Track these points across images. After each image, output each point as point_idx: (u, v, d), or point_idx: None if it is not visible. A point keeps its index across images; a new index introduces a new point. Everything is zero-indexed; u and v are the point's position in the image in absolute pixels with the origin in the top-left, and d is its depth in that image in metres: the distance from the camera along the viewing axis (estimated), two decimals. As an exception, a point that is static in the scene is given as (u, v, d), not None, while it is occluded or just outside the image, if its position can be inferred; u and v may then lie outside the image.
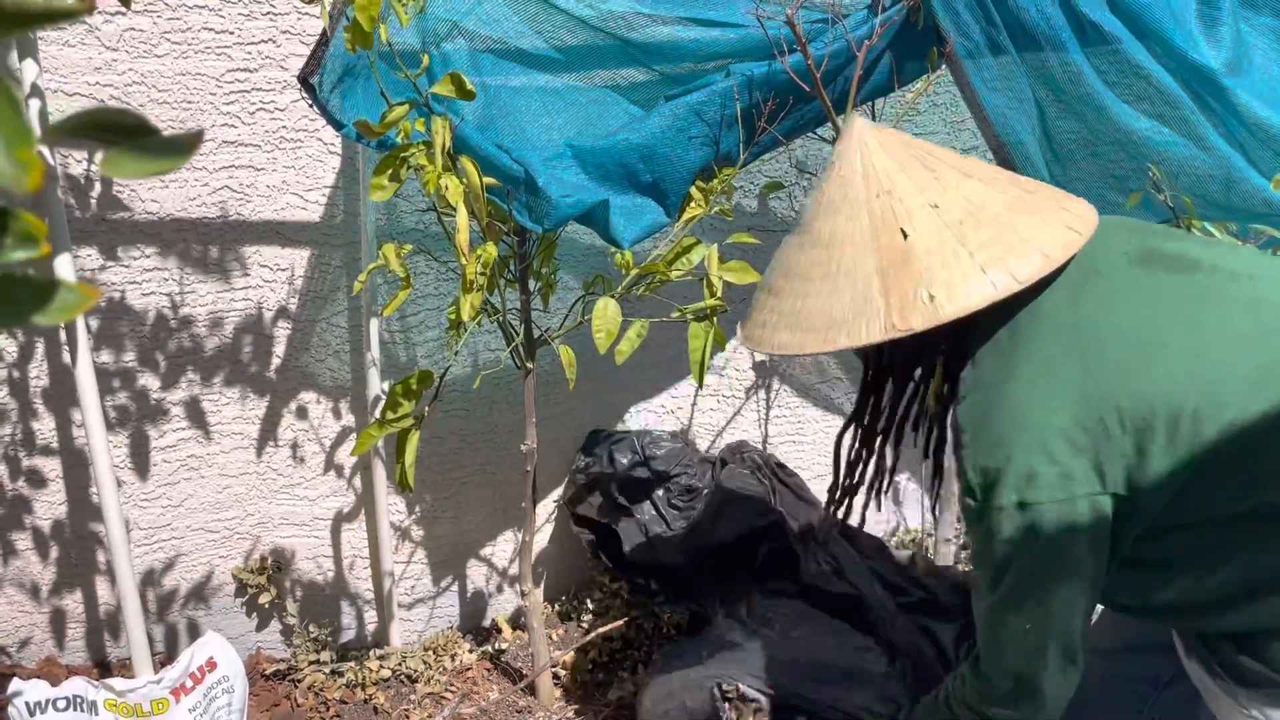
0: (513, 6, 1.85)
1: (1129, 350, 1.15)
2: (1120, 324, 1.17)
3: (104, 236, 1.98)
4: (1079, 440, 1.12)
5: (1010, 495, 1.14)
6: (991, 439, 1.16)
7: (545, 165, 1.77)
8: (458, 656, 2.43)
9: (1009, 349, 1.20)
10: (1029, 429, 1.14)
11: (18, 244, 0.31)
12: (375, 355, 2.18)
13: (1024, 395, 1.16)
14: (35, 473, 2.09)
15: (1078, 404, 1.13)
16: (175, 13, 1.90)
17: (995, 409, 1.17)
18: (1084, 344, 1.16)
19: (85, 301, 0.30)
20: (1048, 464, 1.13)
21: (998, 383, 1.19)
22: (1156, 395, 1.12)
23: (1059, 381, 1.15)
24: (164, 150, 0.35)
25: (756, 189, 2.53)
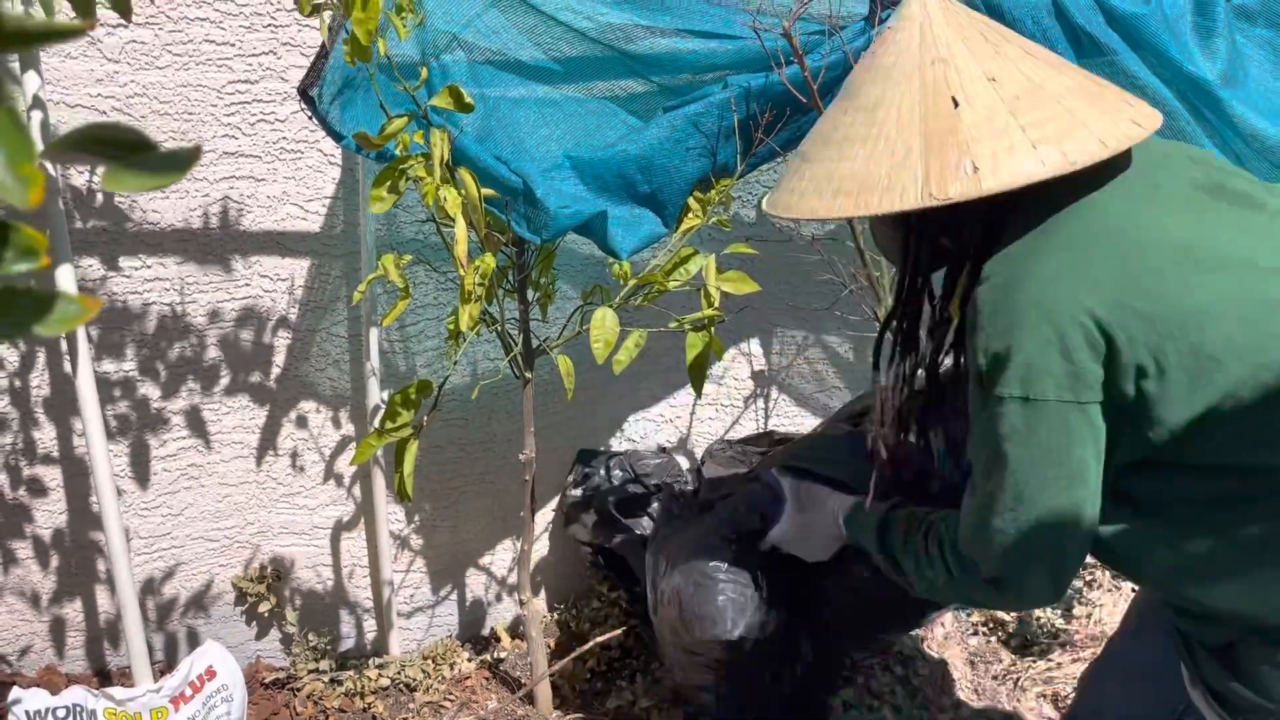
0: (511, 19, 1.86)
1: (1175, 265, 1.09)
2: (1172, 238, 1.11)
3: (105, 246, 2.00)
4: (1098, 342, 1.07)
5: (1015, 386, 1.09)
6: (1006, 322, 1.10)
7: (543, 176, 1.78)
8: (456, 665, 2.44)
9: (1046, 236, 1.14)
10: (1048, 318, 1.08)
11: (18, 256, 0.32)
12: (375, 365, 2.19)
13: (1051, 282, 1.10)
14: (36, 481, 2.10)
15: (1106, 304, 1.07)
16: (177, 25, 1.91)
17: (1017, 292, 1.11)
18: (1128, 246, 1.10)
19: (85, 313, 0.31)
20: (1060, 360, 1.07)
21: (1026, 265, 1.12)
22: (1193, 317, 1.06)
23: (1092, 276, 1.09)
24: (163, 164, 0.36)
25: (755, 200, 2.54)
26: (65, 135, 0.33)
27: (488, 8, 1.84)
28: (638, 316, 2.19)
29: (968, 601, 1.33)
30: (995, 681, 2.48)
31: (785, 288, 2.68)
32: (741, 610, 1.88)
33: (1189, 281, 1.08)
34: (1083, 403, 1.09)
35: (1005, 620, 2.64)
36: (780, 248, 2.62)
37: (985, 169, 1.10)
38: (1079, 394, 1.08)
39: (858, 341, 2.76)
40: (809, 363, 2.77)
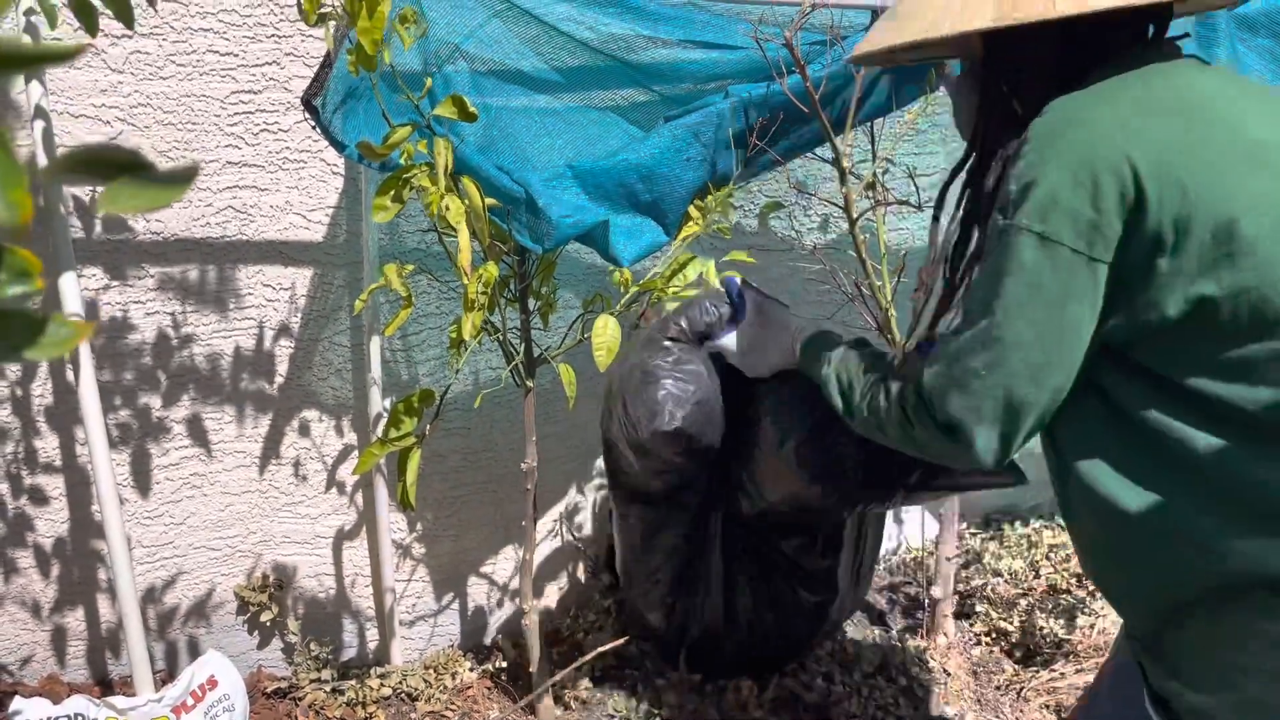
0: (514, 29, 1.87)
1: (1239, 153, 1.05)
2: (1246, 130, 1.07)
3: (108, 256, 2.00)
4: (1129, 194, 1.04)
5: (1034, 219, 1.06)
6: (1047, 153, 1.07)
7: (546, 186, 1.78)
8: (458, 675, 2.43)
9: (1116, 88, 1.11)
10: (1088, 158, 1.05)
11: (12, 279, 0.32)
12: (377, 374, 2.19)
13: (1104, 125, 1.06)
14: (38, 490, 2.10)
15: (1151, 160, 1.03)
16: (181, 35, 1.92)
17: (1069, 128, 1.08)
18: (1196, 118, 1.07)
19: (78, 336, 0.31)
20: (1086, 203, 1.04)
21: (1086, 107, 1.09)
22: (1236, 202, 1.02)
23: (1149, 132, 1.05)
24: (160, 183, 0.36)
25: (756, 209, 2.55)
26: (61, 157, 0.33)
27: (490, 18, 1.85)
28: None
29: (908, 443, 1.25)
30: (999, 692, 2.48)
31: (786, 296, 2.67)
32: (680, 403, 1.85)
33: (1247, 173, 1.04)
34: (1094, 259, 1.06)
35: (1009, 630, 2.63)
36: (782, 257, 2.62)
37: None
38: (1093, 248, 1.06)
39: (860, 350, 2.76)
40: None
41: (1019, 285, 1.09)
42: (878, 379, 1.30)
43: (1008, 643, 2.64)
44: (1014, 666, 2.56)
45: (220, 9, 1.93)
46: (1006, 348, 1.10)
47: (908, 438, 1.24)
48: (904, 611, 2.79)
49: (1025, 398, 1.11)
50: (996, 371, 1.11)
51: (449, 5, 1.81)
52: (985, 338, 1.12)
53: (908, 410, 1.22)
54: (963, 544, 2.96)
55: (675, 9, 1.93)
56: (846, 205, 1.96)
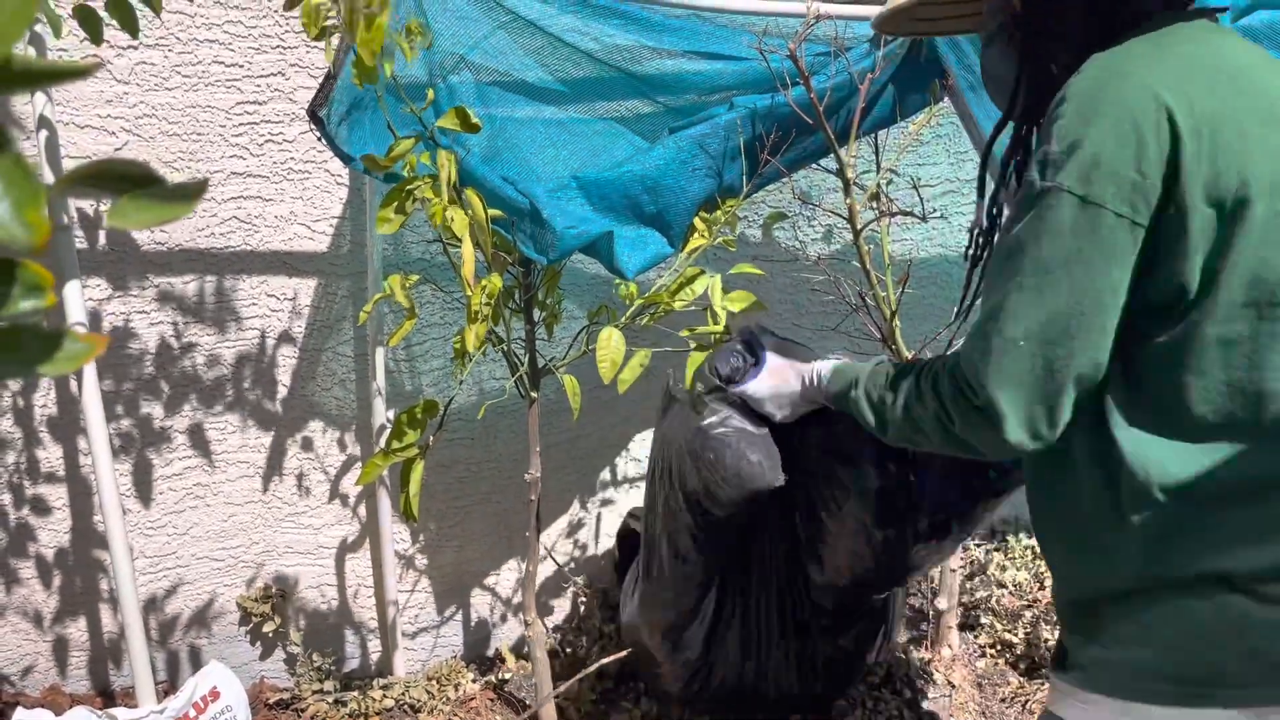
0: (518, 40, 1.87)
1: (1269, 119, 1.03)
2: (1273, 96, 1.05)
3: (112, 266, 2.00)
4: (1167, 153, 1.01)
5: (1075, 179, 1.02)
6: (1089, 111, 1.03)
7: (550, 197, 1.78)
8: (461, 686, 2.42)
9: (1153, 48, 1.08)
10: (1131, 114, 1.01)
11: (25, 293, 0.32)
12: (380, 384, 2.19)
13: (1145, 82, 1.02)
14: (40, 500, 2.10)
15: (1192, 120, 1.00)
16: (186, 47, 1.92)
17: (1109, 85, 1.04)
18: (1229, 80, 1.04)
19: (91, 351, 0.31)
20: (1131, 161, 1.01)
21: (1125, 64, 1.06)
22: (1264, 163, 1.01)
23: (1188, 89, 1.02)
24: (169, 198, 0.36)
25: (760, 220, 2.55)
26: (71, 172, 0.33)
27: (495, 29, 1.85)
28: (643, 336, 2.19)
29: (948, 438, 1.18)
30: (1003, 704, 2.47)
31: (791, 308, 2.68)
32: (750, 442, 1.75)
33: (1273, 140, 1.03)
34: (1136, 223, 1.02)
35: (1013, 642, 2.62)
36: (786, 267, 2.62)
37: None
38: (1136, 211, 1.02)
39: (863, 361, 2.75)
40: (815, 382, 2.76)
41: (1059, 250, 1.04)
42: (910, 381, 1.25)
43: (1012, 655, 2.63)
44: (1019, 679, 2.55)
45: (226, 20, 1.94)
46: (1047, 314, 1.05)
47: (946, 432, 1.17)
48: (908, 623, 2.78)
49: (1068, 367, 1.05)
50: (1033, 340, 1.06)
51: (454, 17, 1.81)
52: (1024, 304, 1.06)
53: (944, 400, 1.16)
54: (967, 555, 2.95)
55: (680, 20, 1.93)
56: (851, 216, 1.96)
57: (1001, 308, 1.08)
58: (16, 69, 0.28)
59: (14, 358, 0.30)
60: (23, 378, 1.82)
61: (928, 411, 1.19)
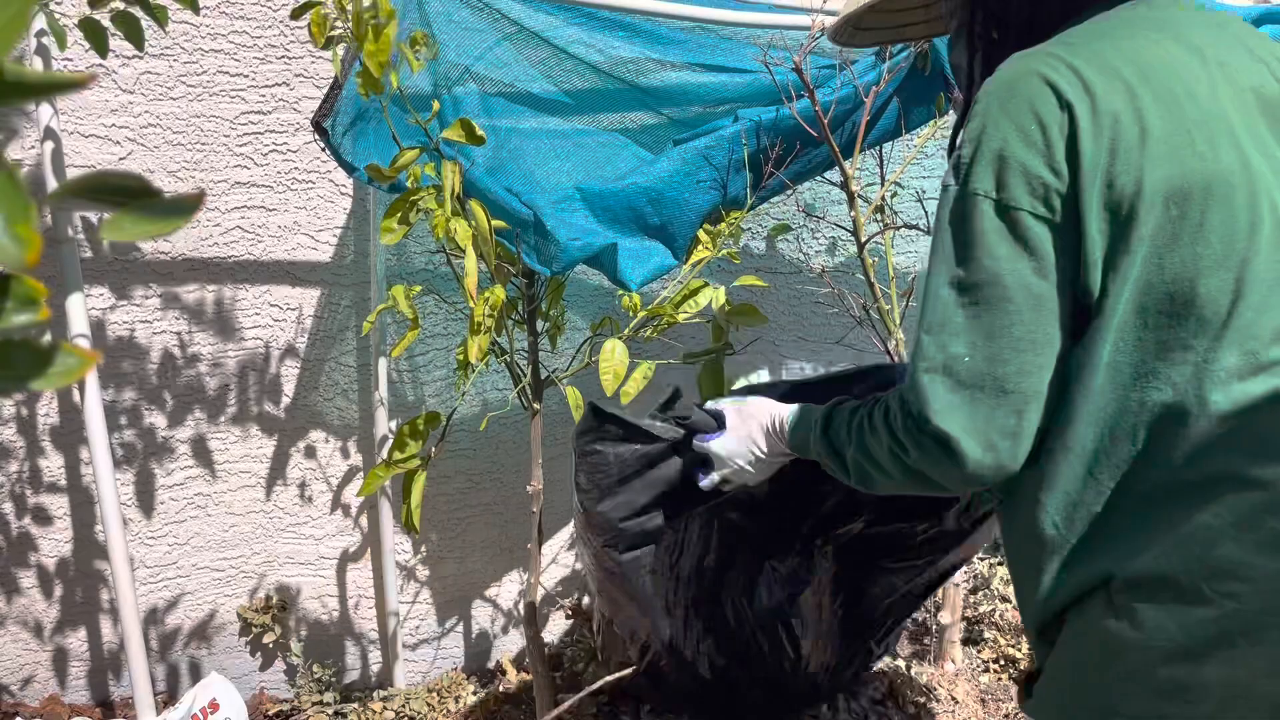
0: (523, 52, 1.87)
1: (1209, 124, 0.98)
2: (1217, 107, 0.99)
3: (116, 276, 2.00)
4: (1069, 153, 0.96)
5: (987, 181, 0.98)
6: (993, 110, 0.99)
7: (554, 208, 1.78)
8: (461, 698, 2.41)
9: (1075, 35, 1.04)
10: (1036, 109, 0.97)
11: (19, 307, 0.31)
12: (383, 395, 2.19)
13: (1053, 76, 0.98)
14: (42, 510, 2.09)
15: (1101, 118, 0.96)
16: (192, 56, 1.93)
17: (1017, 82, 1.00)
18: (1153, 77, 0.99)
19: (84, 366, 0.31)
20: (1040, 161, 0.96)
21: (1036, 58, 1.01)
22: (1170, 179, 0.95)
23: (1104, 87, 0.97)
24: (166, 211, 0.36)
25: (764, 232, 2.54)
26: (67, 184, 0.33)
27: (500, 41, 1.85)
28: (646, 347, 2.19)
29: (905, 474, 1.10)
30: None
31: (794, 320, 2.67)
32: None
33: (1215, 147, 0.97)
34: (1056, 223, 0.97)
35: (1017, 658, 2.60)
36: (790, 279, 2.62)
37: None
38: (1054, 213, 0.96)
39: (868, 374, 2.75)
40: (818, 395, 2.75)
41: (984, 258, 0.98)
42: (863, 415, 1.17)
43: (1016, 669, 2.61)
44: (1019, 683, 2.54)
45: (231, 31, 1.94)
46: (985, 329, 0.99)
47: (904, 467, 1.09)
48: (911, 637, 2.76)
49: (1023, 383, 0.99)
50: (979, 357, 0.99)
51: (459, 28, 1.81)
52: (961, 320, 1.00)
53: (896, 432, 1.07)
54: (970, 569, 2.94)
55: (684, 32, 1.93)
56: (855, 228, 1.95)
57: (940, 323, 1.02)
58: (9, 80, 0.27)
59: (6, 373, 0.30)
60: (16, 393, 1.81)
61: (882, 446, 1.11)
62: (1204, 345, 0.95)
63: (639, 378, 1.83)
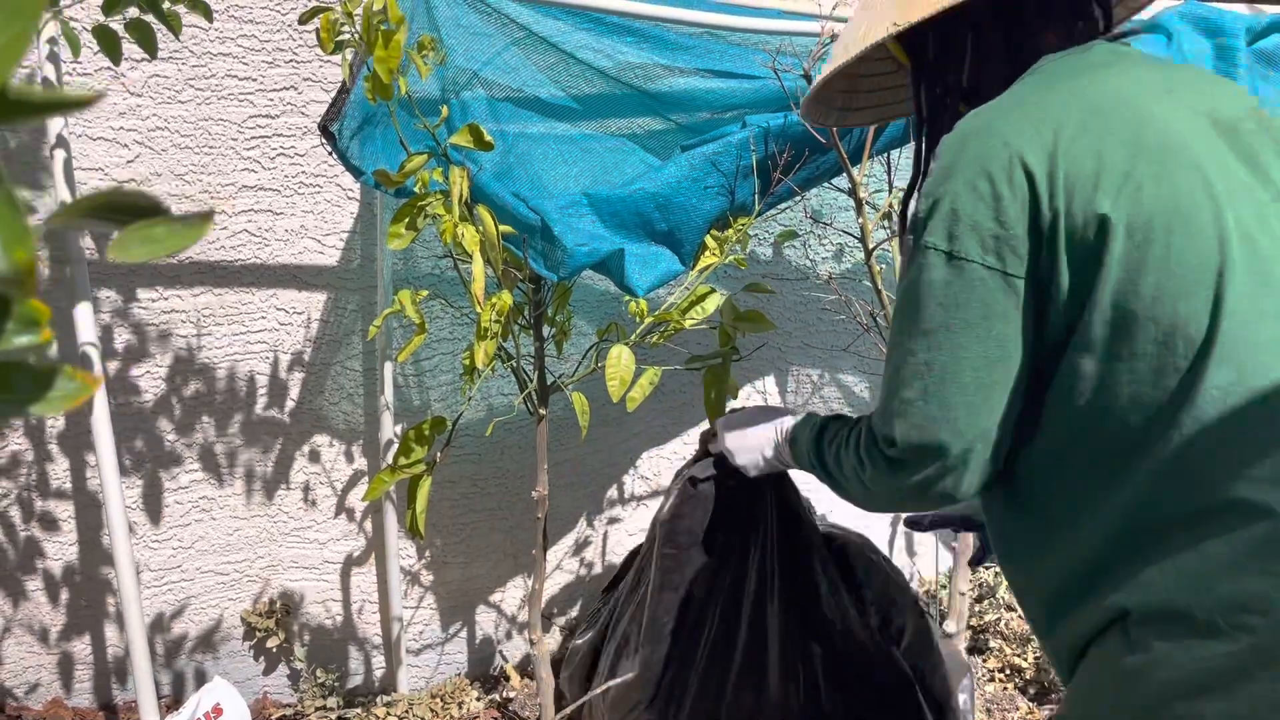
0: (531, 57, 1.87)
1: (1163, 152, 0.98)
2: (1172, 131, 1.00)
3: (123, 279, 2.00)
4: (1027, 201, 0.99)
5: (941, 236, 1.02)
6: (949, 166, 1.03)
7: (561, 214, 1.77)
8: (465, 704, 2.41)
9: (1028, 88, 1.07)
10: (986, 166, 1.00)
11: (20, 329, 0.31)
12: (389, 399, 2.18)
13: (1004, 131, 1.01)
14: (48, 514, 2.09)
15: (1047, 163, 0.98)
16: (200, 60, 1.93)
17: (969, 140, 1.03)
18: (1109, 115, 1.01)
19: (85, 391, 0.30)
20: (990, 216, 0.99)
21: (990, 115, 1.05)
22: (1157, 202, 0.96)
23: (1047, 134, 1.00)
24: (174, 229, 0.35)
25: (771, 238, 2.54)
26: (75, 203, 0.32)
27: (508, 46, 1.85)
28: (652, 353, 2.18)
29: (866, 494, 1.18)
30: (1013, 730, 2.44)
31: (801, 326, 2.66)
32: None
33: (1173, 171, 0.98)
34: (1008, 274, 1.00)
35: (1023, 667, 2.59)
36: (796, 286, 2.61)
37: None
38: (1005, 262, 1.00)
39: (874, 381, 2.74)
40: (824, 402, 2.75)
41: (936, 308, 1.03)
42: (845, 439, 1.23)
43: (1021, 679, 2.60)
44: (1028, 704, 2.52)
45: (240, 34, 1.94)
46: (936, 375, 1.04)
47: (864, 488, 1.17)
48: (917, 646, 2.75)
49: (970, 426, 1.04)
50: (933, 401, 1.04)
51: (467, 33, 1.81)
52: (915, 366, 1.06)
53: (863, 454, 1.15)
54: (976, 577, 2.92)
55: (693, 38, 1.92)
56: (863, 235, 1.95)
57: (897, 370, 1.08)
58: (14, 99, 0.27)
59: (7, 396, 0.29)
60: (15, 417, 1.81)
61: (850, 466, 1.19)
62: (1195, 365, 0.95)
63: (645, 384, 1.83)
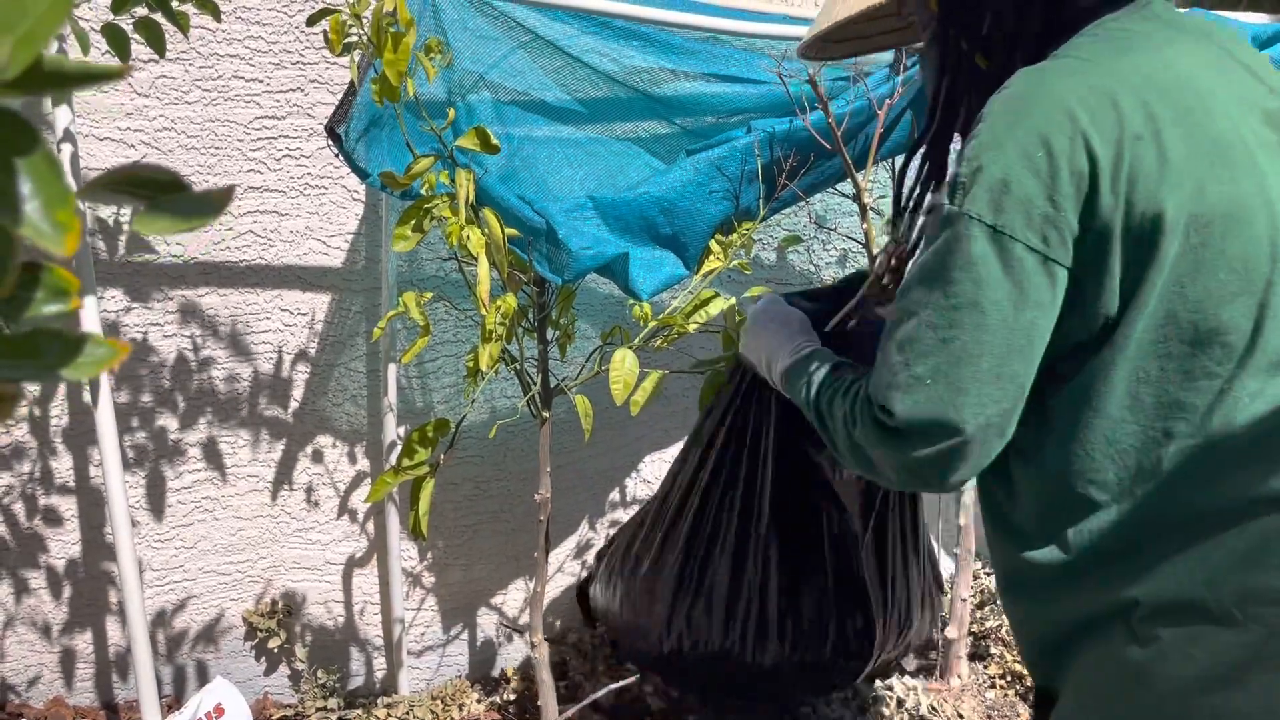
0: (537, 60, 1.88)
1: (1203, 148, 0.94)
2: (1233, 127, 0.96)
3: (128, 279, 2.01)
4: (1085, 185, 0.93)
5: (984, 206, 0.94)
6: (1002, 129, 0.95)
7: (566, 217, 1.78)
8: (465, 706, 2.41)
9: (1086, 52, 0.99)
10: (1046, 139, 0.93)
11: (49, 297, 0.31)
12: (392, 401, 2.19)
13: (1068, 101, 0.93)
14: (52, 511, 2.10)
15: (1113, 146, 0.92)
16: (207, 61, 1.94)
17: (1027, 104, 0.95)
18: (1170, 94, 0.95)
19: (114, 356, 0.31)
20: (1043, 194, 0.93)
21: (1049, 78, 0.96)
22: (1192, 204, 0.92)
23: (1114, 111, 0.93)
24: (195, 206, 0.36)
25: (775, 243, 2.54)
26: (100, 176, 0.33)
27: (515, 49, 1.86)
28: (656, 357, 2.19)
29: (852, 454, 1.10)
30: (1013, 737, 2.44)
31: (804, 331, 2.66)
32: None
33: (1235, 172, 0.94)
34: (1050, 259, 0.94)
35: (1023, 674, 2.59)
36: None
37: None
38: (1049, 246, 0.94)
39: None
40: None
41: (967, 283, 0.95)
42: (845, 384, 1.15)
43: (1023, 686, 2.60)
44: (1029, 711, 2.52)
45: (247, 35, 1.95)
46: (953, 355, 0.97)
47: (850, 442, 1.09)
48: (917, 652, 2.75)
49: (975, 415, 0.98)
50: (941, 383, 0.97)
51: (474, 36, 1.82)
52: (932, 341, 0.98)
53: (857, 411, 1.08)
54: (978, 583, 2.92)
55: (699, 43, 1.93)
56: (867, 241, 1.95)
57: (910, 341, 1.00)
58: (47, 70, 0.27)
59: (36, 362, 0.30)
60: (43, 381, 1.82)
61: (839, 424, 1.12)
62: (1228, 371, 0.94)
63: (648, 387, 1.83)
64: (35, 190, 0.25)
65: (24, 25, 0.24)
